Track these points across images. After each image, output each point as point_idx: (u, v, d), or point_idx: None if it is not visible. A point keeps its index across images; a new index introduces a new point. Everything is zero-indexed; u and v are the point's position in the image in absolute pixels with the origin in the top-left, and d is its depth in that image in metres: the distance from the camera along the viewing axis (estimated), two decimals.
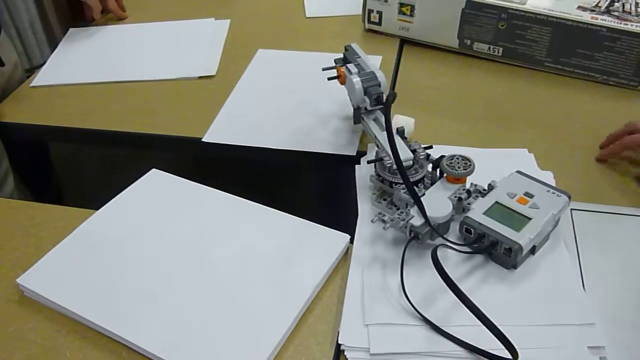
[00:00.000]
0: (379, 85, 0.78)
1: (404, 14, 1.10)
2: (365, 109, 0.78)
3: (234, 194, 0.78)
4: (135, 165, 0.85)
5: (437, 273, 0.59)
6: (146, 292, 0.65)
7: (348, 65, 0.82)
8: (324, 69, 0.87)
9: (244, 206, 0.76)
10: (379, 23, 1.15)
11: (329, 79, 0.85)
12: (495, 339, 0.55)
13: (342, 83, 0.83)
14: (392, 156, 0.67)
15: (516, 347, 0.54)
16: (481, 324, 0.55)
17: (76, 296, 0.64)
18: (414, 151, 0.72)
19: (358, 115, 0.81)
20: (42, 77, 1.09)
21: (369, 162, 0.74)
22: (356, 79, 0.78)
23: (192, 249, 0.70)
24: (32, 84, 1.07)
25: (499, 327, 0.55)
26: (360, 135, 0.88)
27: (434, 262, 0.60)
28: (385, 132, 0.70)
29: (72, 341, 0.61)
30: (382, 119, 0.78)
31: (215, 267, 0.67)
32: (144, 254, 0.69)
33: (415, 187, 0.69)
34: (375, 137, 0.76)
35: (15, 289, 0.67)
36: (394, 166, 0.68)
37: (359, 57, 0.84)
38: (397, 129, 0.75)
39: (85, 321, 0.62)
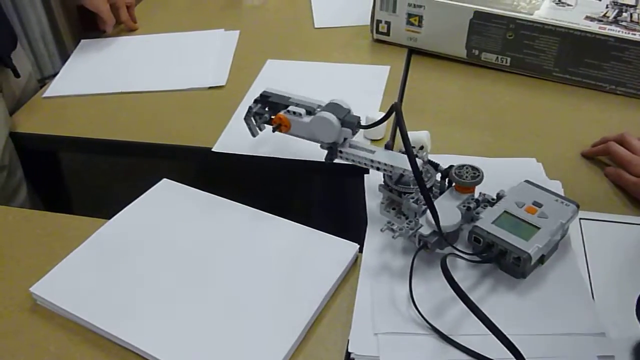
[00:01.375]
0: (350, 110, 0.75)
1: (412, 24, 1.11)
2: (345, 139, 0.74)
3: (244, 203, 0.78)
4: (146, 175, 0.86)
5: (446, 282, 0.59)
6: (158, 301, 0.65)
7: (289, 108, 0.77)
8: (246, 119, 0.83)
9: (254, 215, 0.76)
10: (387, 33, 1.16)
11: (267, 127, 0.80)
12: (505, 348, 0.55)
13: (285, 130, 0.77)
14: (410, 165, 0.64)
15: (525, 356, 0.54)
16: (490, 333, 0.56)
17: (89, 305, 0.65)
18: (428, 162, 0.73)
19: (334, 152, 0.75)
20: (54, 88, 1.11)
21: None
22: (328, 115, 0.72)
23: (203, 257, 0.71)
24: (44, 95, 1.09)
25: (508, 336, 0.55)
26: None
27: (443, 271, 0.60)
28: (382, 149, 0.71)
29: (84, 350, 0.62)
30: (356, 139, 0.75)
31: (225, 276, 0.68)
32: (155, 263, 0.70)
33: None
34: (370, 160, 0.72)
35: (29, 298, 0.67)
36: (409, 176, 0.68)
37: (288, 96, 0.79)
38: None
39: (98, 330, 0.63)
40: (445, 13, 1.07)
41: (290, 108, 0.76)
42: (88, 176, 1.72)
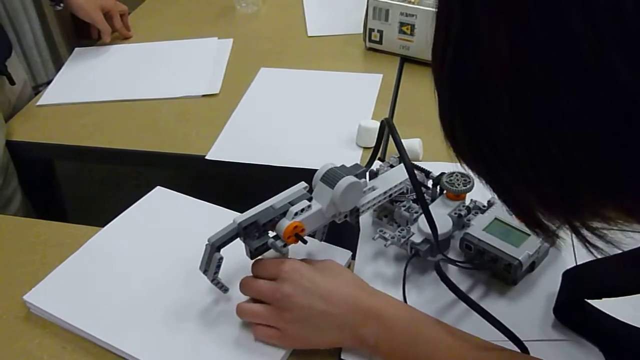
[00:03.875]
0: (344, 164, 0.66)
1: (405, 33, 1.12)
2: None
3: (237, 210, 0.78)
4: (140, 183, 0.86)
5: (439, 289, 0.60)
6: (151, 309, 0.66)
7: (292, 211, 0.62)
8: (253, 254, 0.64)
9: None
10: (380, 42, 1.17)
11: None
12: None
13: (303, 240, 0.62)
14: (411, 181, 0.63)
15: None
16: (484, 336, 0.56)
17: (82, 313, 0.65)
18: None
19: (358, 212, 0.67)
20: (48, 96, 1.11)
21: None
22: (351, 179, 0.62)
23: (196, 265, 0.71)
24: (38, 103, 1.09)
25: (509, 327, 0.56)
26: (362, 153, 0.89)
27: (438, 273, 0.61)
28: (375, 179, 0.71)
29: (77, 357, 0.62)
30: (350, 151, 0.71)
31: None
32: (149, 271, 0.70)
33: (415, 205, 0.71)
34: (383, 193, 0.68)
35: (22, 306, 0.68)
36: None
37: (269, 204, 0.63)
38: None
39: (91, 337, 0.63)
40: None
41: (293, 209, 0.62)
42: (82, 184, 1.72)
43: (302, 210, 0.62)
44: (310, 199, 0.64)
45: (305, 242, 0.62)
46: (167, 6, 1.47)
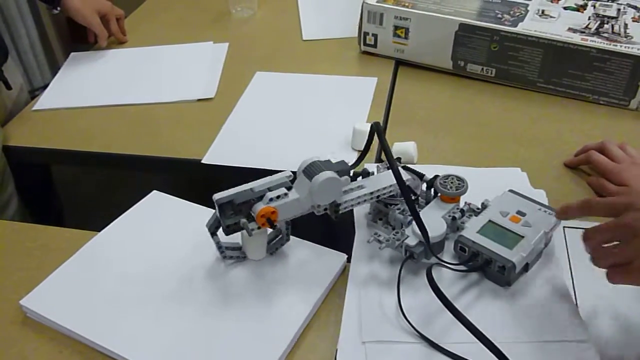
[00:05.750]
0: (330, 159, 0.68)
1: (399, 36, 1.13)
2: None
3: None
4: (136, 187, 0.87)
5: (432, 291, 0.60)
6: (147, 313, 0.66)
7: (268, 196, 0.65)
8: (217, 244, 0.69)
9: None
10: (375, 45, 1.17)
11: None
12: (492, 354, 0.56)
13: (276, 221, 0.65)
14: (398, 185, 0.64)
15: None
16: (477, 340, 0.57)
17: (79, 317, 0.65)
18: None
19: (337, 207, 0.68)
20: (45, 101, 1.11)
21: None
22: (330, 174, 0.64)
23: (192, 269, 0.71)
24: (34, 108, 1.09)
25: (494, 342, 0.56)
26: (357, 156, 0.89)
27: (429, 281, 0.61)
28: (366, 179, 0.71)
29: None
30: (344, 154, 0.71)
31: (214, 287, 0.68)
32: (145, 275, 0.71)
33: None
34: (370, 193, 0.69)
35: (19, 311, 0.68)
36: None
37: (249, 187, 0.66)
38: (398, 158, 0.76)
39: (88, 342, 0.63)
40: (431, 25, 1.09)
41: (269, 195, 0.65)
42: (79, 188, 1.72)
43: (279, 197, 0.65)
44: (290, 188, 0.67)
45: (274, 227, 0.65)
46: (162, 11, 1.47)
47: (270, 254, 0.72)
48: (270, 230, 0.70)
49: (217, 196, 0.65)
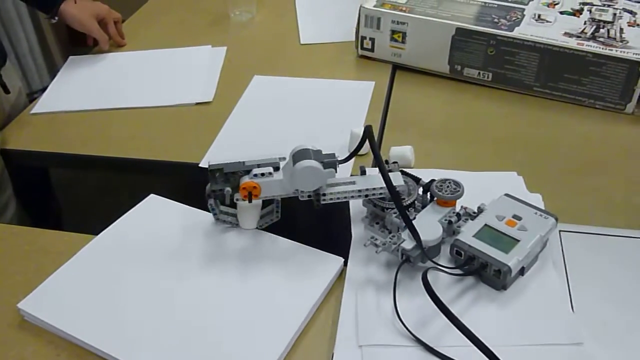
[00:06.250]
0: (321, 150, 0.71)
1: (396, 40, 1.13)
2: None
3: None
4: (134, 191, 0.87)
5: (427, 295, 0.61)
6: (146, 316, 0.66)
7: (254, 172, 0.70)
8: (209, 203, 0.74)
9: (240, 230, 0.77)
10: (372, 49, 1.18)
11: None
12: (487, 358, 0.56)
13: (256, 196, 0.70)
14: (386, 186, 0.66)
15: None
16: (472, 344, 0.57)
17: (76, 321, 0.65)
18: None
19: (319, 196, 0.70)
20: (43, 105, 1.12)
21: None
22: (312, 163, 0.67)
23: (189, 272, 0.71)
24: (32, 111, 1.09)
25: (489, 347, 0.56)
26: (354, 160, 0.90)
27: (424, 285, 0.62)
28: (359, 176, 0.72)
29: None
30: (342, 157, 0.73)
31: (212, 290, 0.69)
32: (142, 278, 0.71)
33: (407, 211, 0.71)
34: (358, 190, 0.71)
35: (16, 314, 0.68)
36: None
37: (242, 160, 0.71)
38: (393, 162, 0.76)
39: (85, 345, 0.63)
40: (428, 30, 1.09)
41: (255, 171, 0.69)
42: (77, 192, 1.72)
43: (264, 174, 0.69)
44: (277, 169, 0.71)
45: (250, 201, 0.70)
46: (161, 14, 1.48)
47: (260, 227, 0.76)
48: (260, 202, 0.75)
49: (211, 161, 0.71)
